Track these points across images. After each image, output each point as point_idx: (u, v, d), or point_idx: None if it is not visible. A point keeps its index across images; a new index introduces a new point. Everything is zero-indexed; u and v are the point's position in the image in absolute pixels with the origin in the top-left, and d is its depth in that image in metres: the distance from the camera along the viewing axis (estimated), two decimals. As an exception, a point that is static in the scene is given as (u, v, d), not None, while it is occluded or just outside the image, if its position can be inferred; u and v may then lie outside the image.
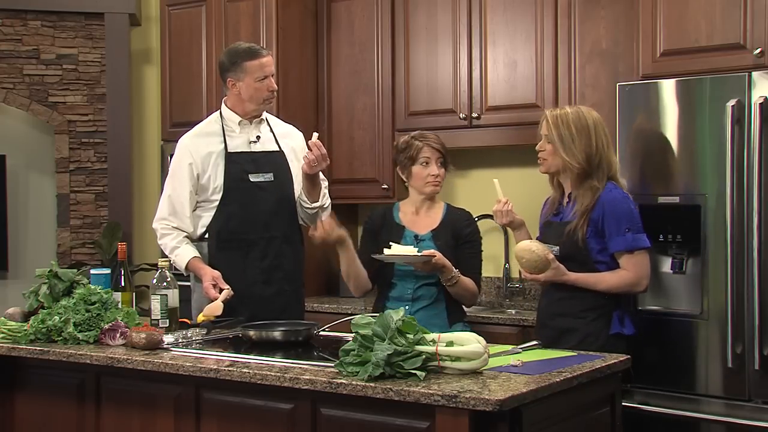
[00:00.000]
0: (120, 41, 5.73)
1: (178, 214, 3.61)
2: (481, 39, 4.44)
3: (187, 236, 3.62)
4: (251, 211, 3.60)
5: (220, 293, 3.40)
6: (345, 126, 4.92)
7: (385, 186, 4.73)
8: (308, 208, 3.70)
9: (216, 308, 3.32)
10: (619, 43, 4.05)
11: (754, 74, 3.34)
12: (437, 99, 4.59)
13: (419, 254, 3.28)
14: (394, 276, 3.45)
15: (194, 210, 3.64)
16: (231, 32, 4.98)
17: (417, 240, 3.45)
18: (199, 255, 3.58)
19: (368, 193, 4.82)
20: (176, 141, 3.51)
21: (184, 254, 3.57)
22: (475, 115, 4.44)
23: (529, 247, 3.18)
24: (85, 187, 5.81)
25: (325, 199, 3.74)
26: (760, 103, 3.31)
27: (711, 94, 3.43)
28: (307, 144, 3.53)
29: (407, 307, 3.36)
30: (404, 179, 3.56)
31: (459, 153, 4.71)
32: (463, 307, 3.56)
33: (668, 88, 3.54)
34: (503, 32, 4.38)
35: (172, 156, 5.13)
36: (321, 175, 3.81)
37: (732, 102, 3.34)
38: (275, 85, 3.65)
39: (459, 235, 3.47)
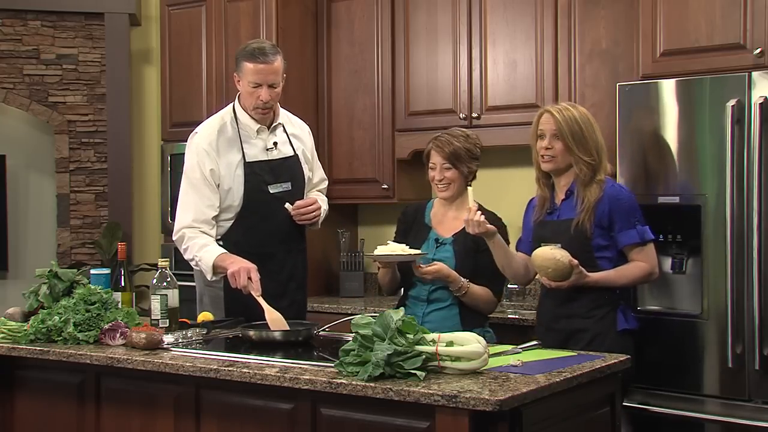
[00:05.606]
0: (120, 41, 5.73)
1: (203, 221, 3.44)
2: (481, 39, 4.44)
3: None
4: (271, 223, 3.51)
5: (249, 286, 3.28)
6: (345, 126, 4.91)
7: (385, 186, 4.73)
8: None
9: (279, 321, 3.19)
10: (619, 43, 4.04)
11: (754, 74, 3.34)
12: (437, 99, 4.58)
13: (410, 253, 3.22)
14: (413, 275, 3.37)
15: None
16: (231, 32, 4.98)
17: (438, 243, 3.38)
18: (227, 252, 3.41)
19: (368, 193, 4.82)
20: (176, 141, 3.46)
21: (213, 250, 3.38)
22: (475, 115, 4.43)
23: (554, 255, 3.08)
24: (85, 187, 5.81)
25: (323, 215, 3.70)
26: (760, 103, 3.31)
27: (711, 94, 3.42)
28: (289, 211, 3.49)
29: (423, 306, 3.36)
30: None
31: (459, 153, 4.72)
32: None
33: (668, 88, 3.53)
34: (503, 32, 4.38)
35: (171, 156, 5.19)
36: (322, 175, 3.81)
37: (732, 102, 3.34)
38: (268, 96, 3.43)
39: (481, 240, 3.29)
